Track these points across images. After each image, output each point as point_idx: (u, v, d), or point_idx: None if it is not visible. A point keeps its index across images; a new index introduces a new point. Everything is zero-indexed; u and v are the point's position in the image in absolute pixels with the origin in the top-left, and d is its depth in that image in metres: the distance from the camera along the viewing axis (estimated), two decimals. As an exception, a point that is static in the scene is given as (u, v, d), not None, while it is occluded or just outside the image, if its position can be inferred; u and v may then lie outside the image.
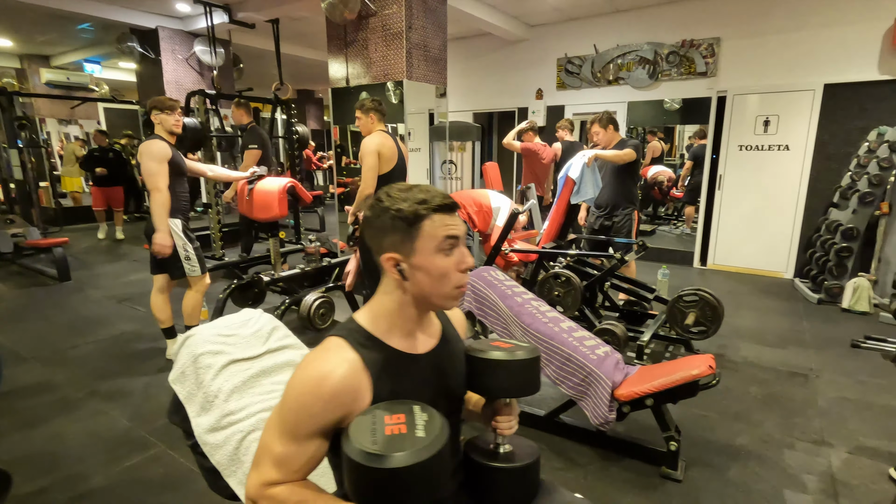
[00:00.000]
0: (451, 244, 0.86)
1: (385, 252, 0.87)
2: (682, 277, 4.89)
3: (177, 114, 2.81)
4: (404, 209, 0.84)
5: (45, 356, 3.13)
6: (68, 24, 6.31)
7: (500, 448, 0.99)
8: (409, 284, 0.87)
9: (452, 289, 0.88)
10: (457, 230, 0.87)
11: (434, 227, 0.85)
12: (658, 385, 1.90)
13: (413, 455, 0.70)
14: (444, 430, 0.76)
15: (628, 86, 5.56)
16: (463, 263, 0.88)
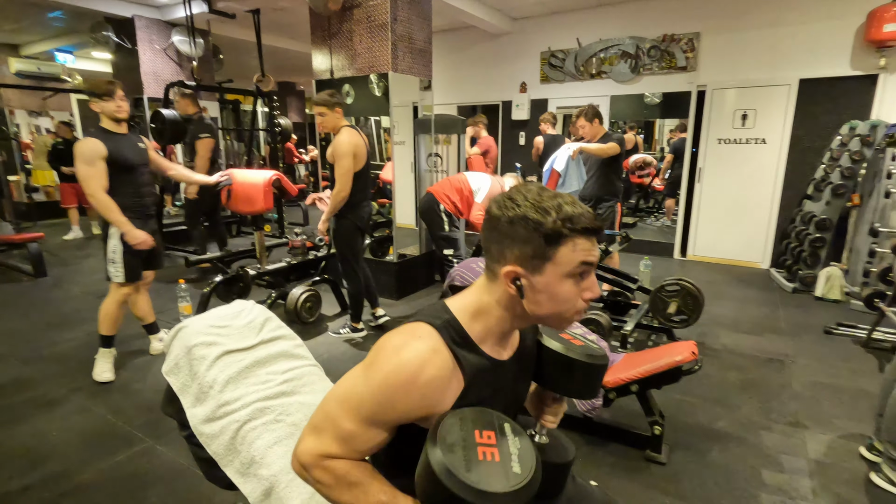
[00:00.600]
0: (584, 270, 0.78)
1: (507, 264, 0.78)
2: (664, 268, 4.99)
3: (118, 98, 2.50)
4: (546, 224, 0.74)
5: (24, 354, 3.06)
6: (39, 11, 6.09)
7: (537, 437, 0.95)
8: (525, 302, 0.79)
9: (572, 315, 0.81)
10: (595, 257, 0.79)
11: (574, 251, 0.75)
12: (643, 371, 1.96)
13: (510, 498, 0.68)
14: (537, 467, 0.73)
15: (611, 80, 5.62)
16: (589, 292, 0.80)
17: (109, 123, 2.53)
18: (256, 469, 1.08)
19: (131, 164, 2.56)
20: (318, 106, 2.86)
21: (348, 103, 4.11)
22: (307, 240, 3.73)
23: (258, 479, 1.08)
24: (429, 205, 3.59)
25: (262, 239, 3.44)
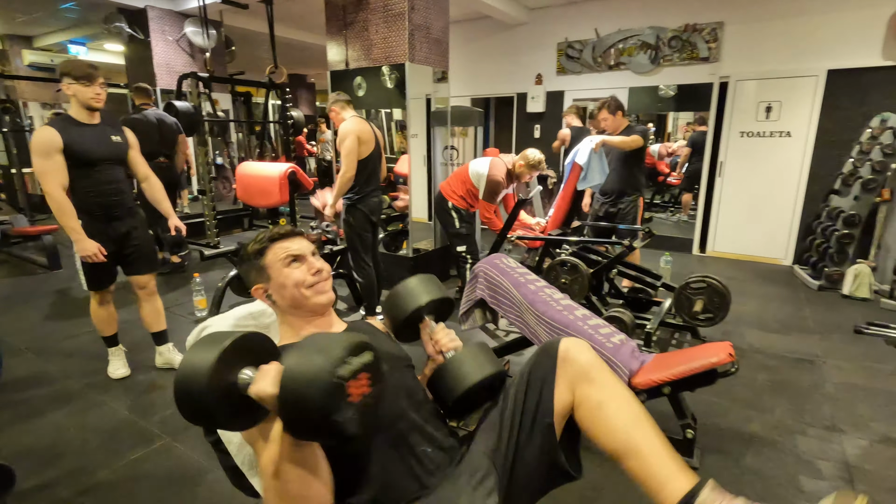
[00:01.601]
0: (293, 258, 1.09)
1: (252, 286, 1.12)
2: (682, 264, 4.89)
3: (97, 84, 2.24)
4: (249, 248, 1.12)
5: (40, 347, 3.04)
6: (51, 3, 6.07)
7: (447, 355, 1.14)
8: (278, 302, 1.10)
9: (307, 289, 1.08)
10: (296, 249, 1.10)
11: (275, 251, 1.09)
12: (676, 373, 1.88)
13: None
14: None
15: (629, 71, 5.49)
16: (312, 268, 1.10)
17: (79, 111, 2.26)
18: None
19: (91, 159, 2.27)
20: (330, 106, 3.03)
21: (360, 95, 4.04)
22: (322, 234, 3.68)
23: None
24: (439, 203, 3.62)
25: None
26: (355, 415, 0.70)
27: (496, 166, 3.43)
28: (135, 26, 5.68)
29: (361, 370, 0.71)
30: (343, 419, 0.68)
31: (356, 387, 0.70)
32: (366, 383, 0.72)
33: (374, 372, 0.73)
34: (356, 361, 0.71)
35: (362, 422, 0.71)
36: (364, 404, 0.71)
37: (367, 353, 0.73)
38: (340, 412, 0.67)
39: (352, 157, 2.88)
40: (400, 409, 1.02)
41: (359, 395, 0.70)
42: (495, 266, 2.24)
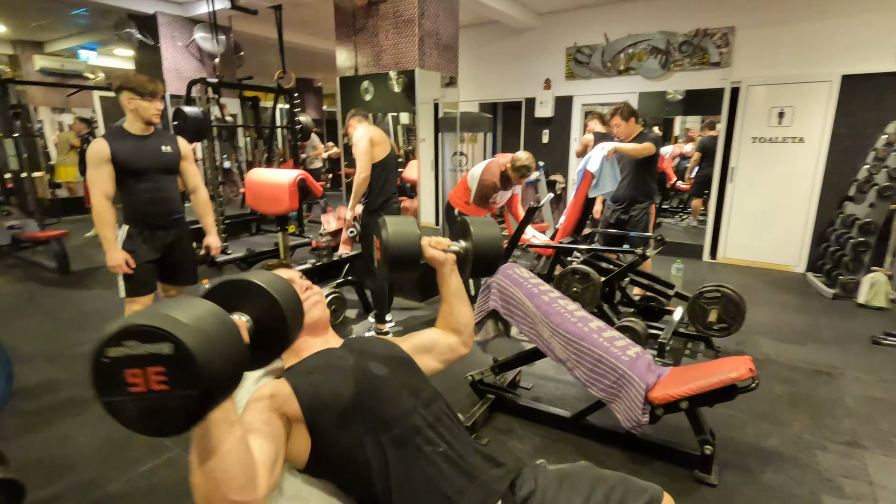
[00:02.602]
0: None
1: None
2: (693, 271, 4.84)
3: (157, 101, 2.30)
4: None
5: (49, 354, 3.04)
6: (62, 8, 6.12)
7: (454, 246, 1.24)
8: None
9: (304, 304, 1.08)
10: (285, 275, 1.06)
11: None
12: (695, 388, 1.84)
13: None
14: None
15: (640, 76, 5.45)
16: (301, 287, 1.13)
17: (135, 124, 2.31)
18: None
19: (137, 169, 2.31)
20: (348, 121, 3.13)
21: (367, 100, 4.05)
22: (331, 240, 3.67)
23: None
24: (447, 210, 3.62)
25: (286, 239, 3.38)
26: (133, 407, 0.58)
27: (490, 168, 3.40)
28: (145, 32, 5.70)
29: (144, 361, 0.57)
30: (112, 403, 0.58)
31: (133, 376, 0.57)
32: (154, 378, 0.57)
33: (175, 371, 0.57)
34: (138, 349, 0.57)
35: (143, 418, 0.58)
36: (150, 400, 0.57)
37: (165, 344, 0.56)
38: (110, 394, 0.58)
39: (366, 157, 2.92)
40: (406, 408, 1.01)
41: (141, 387, 0.57)
42: (508, 276, 2.21)
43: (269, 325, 0.79)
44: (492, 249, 1.21)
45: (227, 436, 0.70)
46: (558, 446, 2.15)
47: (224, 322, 0.64)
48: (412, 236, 1.14)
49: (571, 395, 2.55)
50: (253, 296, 0.79)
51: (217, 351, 0.59)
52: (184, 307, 0.61)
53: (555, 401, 2.50)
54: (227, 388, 0.63)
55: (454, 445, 1.02)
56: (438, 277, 1.27)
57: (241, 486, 0.72)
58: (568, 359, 2.03)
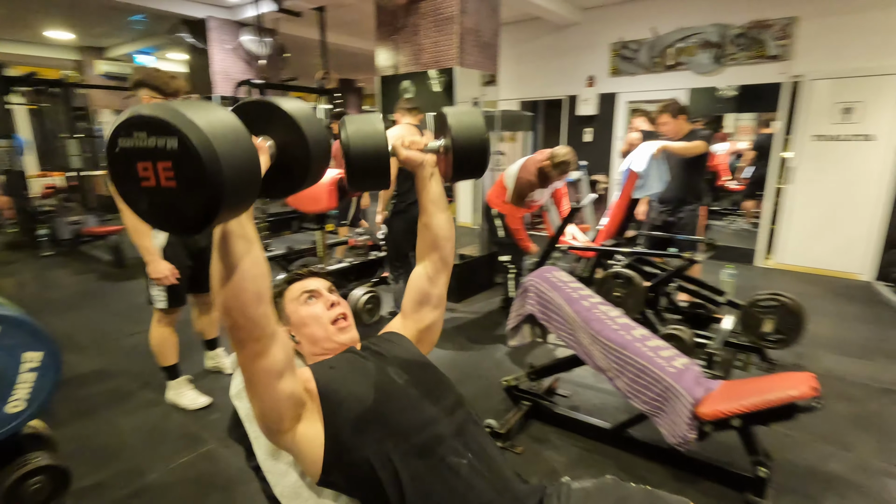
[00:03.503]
0: (310, 295, 1.13)
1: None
2: (745, 277, 4.56)
3: (182, 98, 2.15)
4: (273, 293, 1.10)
5: (102, 344, 3.18)
6: (122, 15, 6.44)
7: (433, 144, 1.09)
8: (300, 340, 1.11)
9: (330, 326, 1.10)
10: (313, 285, 1.14)
11: (292, 291, 1.14)
12: (749, 405, 1.71)
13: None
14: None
15: (690, 71, 5.20)
16: (328, 302, 1.12)
17: None
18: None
19: None
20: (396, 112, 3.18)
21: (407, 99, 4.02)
22: (368, 239, 3.67)
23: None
24: (486, 210, 3.58)
25: (323, 238, 3.40)
26: (146, 201, 0.59)
27: (526, 166, 3.30)
28: (196, 36, 5.93)
29: (149, 154, 0.56)
30: (127, 194, 0.60)
31: (144, 169, 0.57)
32: (164, 174, 0.56)
33: (183, 166, 0.55)
34: (147, 141, 0.56)
35: (155, 213, 0.60)
36: (160, 195, 0.57)
37: (171, 138, 0.55)
38: (124, 185, 0.59)
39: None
40: (428, 416, 0.97)
41: (152, 182, 0.57)
42: (546, 280, 2.13)
43: (293, 153, 0.78)
44: (475, 144, 1.03)
45: (240, 247, 0.74)
46: (596, 459, 2.05)
47: (237, 131, 0.61)
48: (377, 134, 0.98)
49: (612, 405, 2.44)
50: (279, 121, 0.77)
51: (227, 157, 0.57)
52: (199, 108, 0.58)
53: (593, 410, 2.40)
54: (237, 197, 0.61)
55: (481, 456, 0.96)
56: (417, 183, 1.12)
57: (254, 303, 0.77)
58: (609, 368, 1.94)
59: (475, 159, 1.05)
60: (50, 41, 7.86)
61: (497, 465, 0.98)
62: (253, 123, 0.75)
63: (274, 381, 0.84)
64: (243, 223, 0.74)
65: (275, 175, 0.79)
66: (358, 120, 0.99)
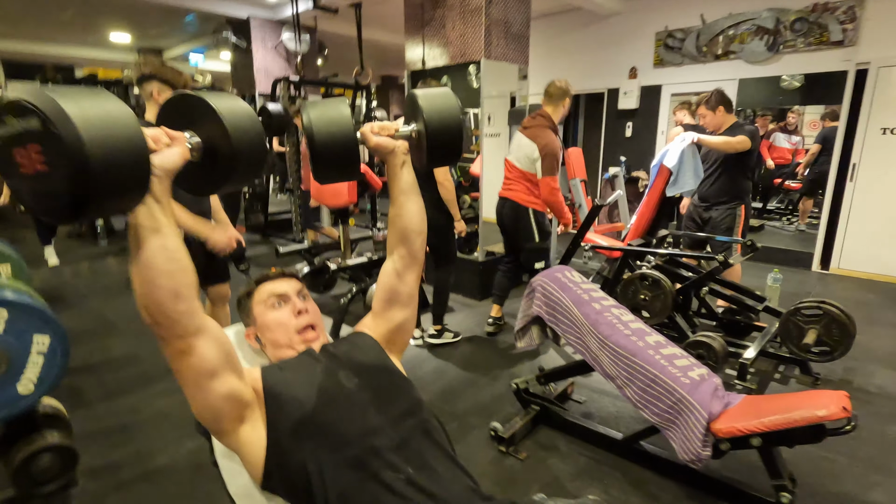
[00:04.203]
0: (278, 298, 1.10)
1: (246, 329, 1.15)
2: (798, 283, 4.22)
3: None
4: (242, 293, 1.16)
5: (138, 329, 3.34)
6: (176, 17, 6.76)
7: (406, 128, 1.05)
8: (266, 345, 1.09)
9: (293, 331, 1.07)
10: (281, 289, 1.11)
11: (261, 293, 1.11)
12: (770, 423, 1.55)
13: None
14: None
15: (740, 60, 4.86)
16: (295, 309, 1.09)
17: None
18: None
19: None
20: None
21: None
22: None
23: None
24: (512, 213, 3.07)
25: (346, 232, 3.43)
26: (27, 189, 0.59)
27: (542, 132, 2.87)
28: (239, 35, 6.13)
29: (20, 139, 0.56)
30: (13, 186, 0.59)
31: (20, 156, 0.57)
32: (36, 158, 0.56)
33: (49, 147, 0.56)
34: (16, 125, 0.56)
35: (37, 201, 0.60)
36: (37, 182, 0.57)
37: (33, 118, 0.55)
38: (9, 177, 0.59)
39: None
40: (369, 426, 0.91)
41: (28, 168, 0.57)
42: (555, 280, 2.03)
43: (219, 150, 0.76)
44: (450, 128, 0.99)
45: (151, 242, 0.71)
46: (604, 471, 1.94)
47: (119, 117, 0.59)
48: (342, 119, 0.92)
49: (628, 415, 2.30)
50: (206, 117, 0.75)
51: (96, 137, 0.55)
52: (76, 92, 0.58)
53: (608, 419, 2.27)
54: (112, 182, 0.59)
55: (424, 471, 0.89)
56: (388, 171, 1.06)
57: (171, 295, 0.74)
58: (617, 375, 1.82)
59: (449, 144, 1.00)
60: (113, 44, 8.38)
61: (444, 481, 0.90)
62: (181, 118, 0.76)
63: (204, 380, 0.81)
64: (155, 214, 0.71)
65: (200, 171, 0.77)
66: (321, 104, 0.95)
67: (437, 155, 1.02)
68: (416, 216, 1.08)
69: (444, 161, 1.05)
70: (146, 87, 2.04)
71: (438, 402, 2.46)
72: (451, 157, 1.04)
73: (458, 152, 1.04)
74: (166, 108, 0.79)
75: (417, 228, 1.08)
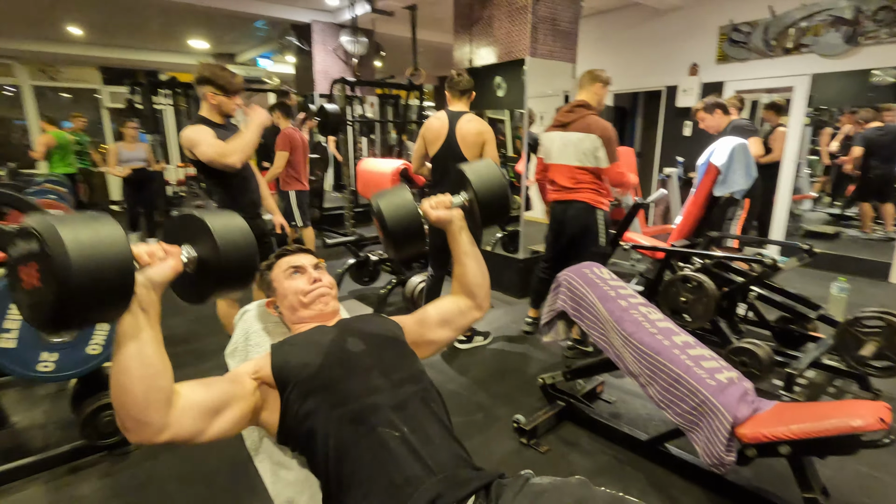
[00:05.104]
0: (294, 270, 1.20)
1: (267, 300, 1.26)
2: (868, 294, 3.88)
3: (237, 97, 2.28)
4: (262, 266, 1.23)
5: (198, 313, 3.61)
6: (247, 24, 7.25)
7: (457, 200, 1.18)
8: (282, 310, 1.20)
9: (303, 296, 1.16)
10: (298, 261, 1.21)
11: (280, 265, 1.22)
12: (799, 431, 1.47)
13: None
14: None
15: (814, 54, 4.52)
16: (311, 278, 1.18)
17: (211, 114, 2.27)
18: (285, 473, 1.06)
19: None
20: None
21: (500, 96, 3.89)
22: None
23: (284, 483, 1.06)
24: (578, 215, 2.83)
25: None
26: (25, 302, 0.67)
27: (591, 120, 2.72)
28: (302, 39, 6.47)
29: (24, 259, 0.65)
30: (16, 300, 0.68)
31: (24, 273, 0.66)
32: (35, 275, 0.64)
33: (43, 266, 0.63)
34: (22, 247, 0.65)
35: (34, 313, 0.67)
36: (33, 295, 0.66)
37: (34, 241, 0.64)
38: (14, 291, 0.67)
39: (414, 154, 2.89)
40: (371, 386, 0.98)
41: (27, 284, 0.66)
42: (582, 276, 2.02)
43: (213, 262, 0.84)
44: (496, 193, 1.13)
45: (128, 349, 0.75)
46: (626, 471, 1.91)
47: (112, 238, 0.68)
48: (408, 204, 1.08)
49: (659, 418, 2.24)
50: (200, 232, 0.85)
51: (86, 257, 0.63)
52: (75, 219, 0.67)
53: (637, 420, 2.23)
54: (100, 297, 0.66)
55: (419, 433, 0.95)
56: (448, 238, 1.20)
57: (141, 404, 0.75)
58: (640, 373, 1.79)
59: (497, 208, 1.15)
60: (191, 50, 9.09)
61: (435, 445, 0.96)
62: (185, 231, 0.87)
63: (197, 439, 0.85)
64: (138, 322, 0.76)
65: (195, 280, 0.87)
66: (388, 193, 1.11)
67: (488, 217, 1.17)
68: (479, 272, 1.23)
69: (494, 221, 1.19)
70: (201, 90, 2.26)
71: (466, 391, 2.51)
72: (500, 217, 1.19)
73: (507, 213, 1.18)
74: (172, 223, 0.91)
75: (481, 282, 1.23)
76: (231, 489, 1.85)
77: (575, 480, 0.98)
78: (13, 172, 5.23)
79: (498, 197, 1.14)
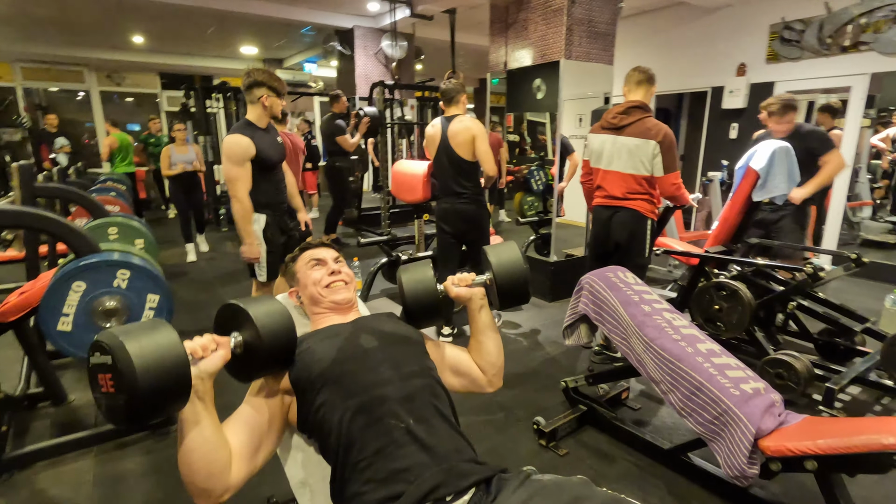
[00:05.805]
0: (316, 262, 1.26)
1: (290, 290, 1.32)
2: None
3: (284, 98, 2.46)
4: (287, 259, 1.35)
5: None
6: (294, 30, 7.54)
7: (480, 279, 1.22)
8: (304, 302, 1.26)
9: (321, 287, 1.22)
10: (319, 254, 1.28)
11: (303, 258, 1.29)
12: (826, 446, 1.42)
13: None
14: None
15: (874, 52, 4.26)
16: (330, 270, 1.24)
17: (262, 118, 2.39)
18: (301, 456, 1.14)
19: (273, 162, 2.44)
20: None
21: (539, 98, 3.86)
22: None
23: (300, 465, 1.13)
24: (634, 224, 2.58)
25: (421, 226, 3.62)
26: (103, 403, 0.78)
27: (651, 123, 2.45)
28: (345, 43, 6.67)
29: (101, 368, 0.77)
30: (96, 398, 0.80)
31: (102, 379, 0.78)
32: (109, 383, 0.76)
33: (115, 377, 0.75)
34: (99, 359, 0.77)
35: (110, 413, 0.78)
36: (109, 399, 0.77)
37: (104, 356, 0.76)
38: (95, 391, 0.80)
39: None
40: (380, 378, 1.03)
41: (104, 388, 0.77)
42: (605, 279, 2.01)
43: (256, 345, 0.95)
44: (516, 275, 1.17)
45: (191, 434, 0.85)
46: (646, 479, 1.88)
47: (169, 346, 0.79)
48: (428, 280, 1.17)
49: (685, 428, 2.19)
50: (246, 320, 0.96)
51: (149, 368, 0.75)
52: (141, 333, 0.79)
53: (661, 429, 2.18)
54: (163, 396, 0.77)
55: (425, 425, 0.99)
56: (468, 314, 1.25)
57: (205, 476, 0.87)
58: (662, 380, 1.76)
59: (517, 288, 1.19)
60: (242, 56, 9.52)
61: (440, 437, 0.99)
62: (233, 320, 0.98)
63: (252, 475, 0.98)
64: (196, 409, 0.86)
65: (244, 361, 0.97)
66: (412, 268, 1.22)
67: (508, 297, 1.20)
68: (493, 352, 1.27)
69: (515, 302, 1.22)
70: (255, 92, 2.34)
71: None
72: (520, 298, 1.21)
73: (526, 297, 1.21)
74: (222, 313, 1.01)
75: (493, 361, 1.27)
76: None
77: (576, 479, 0.99)
78: (79, 171, 5.65)
79: (518, 282, 1.17)
